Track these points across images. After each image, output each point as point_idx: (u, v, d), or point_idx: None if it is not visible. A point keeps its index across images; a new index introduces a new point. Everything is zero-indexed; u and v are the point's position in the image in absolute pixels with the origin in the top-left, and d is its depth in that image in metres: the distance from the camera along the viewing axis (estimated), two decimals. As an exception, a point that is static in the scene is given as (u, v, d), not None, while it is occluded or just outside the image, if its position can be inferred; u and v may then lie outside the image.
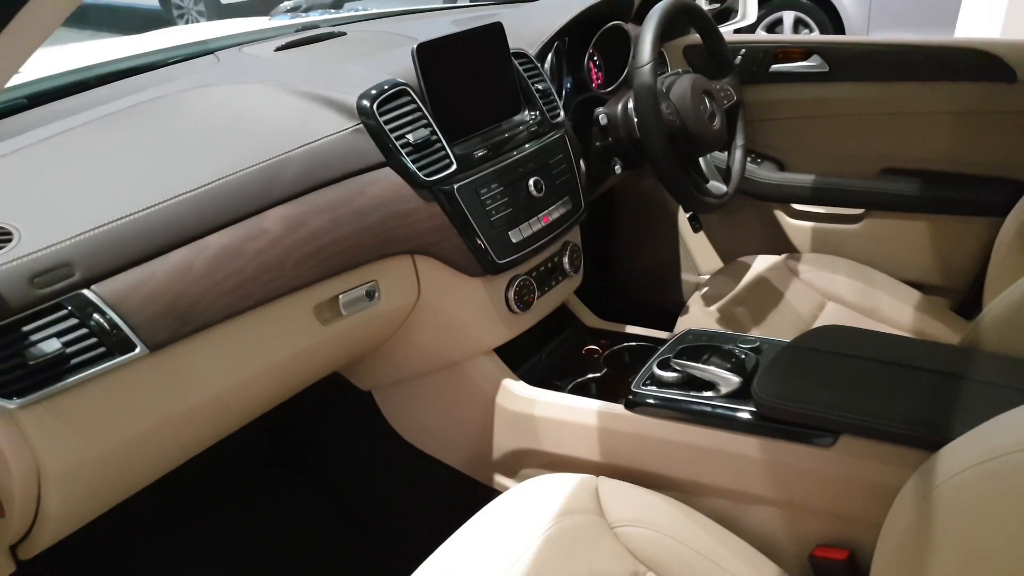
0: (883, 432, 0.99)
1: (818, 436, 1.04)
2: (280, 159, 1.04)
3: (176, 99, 1.16)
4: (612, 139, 1.51)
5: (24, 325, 0.81)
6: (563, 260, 1.39)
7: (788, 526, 1.09)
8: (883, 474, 1.00)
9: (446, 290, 1.23)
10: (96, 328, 0.84)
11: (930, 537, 0.77)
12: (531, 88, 1.35)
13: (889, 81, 1.68)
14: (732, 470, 1.11)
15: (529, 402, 1.27)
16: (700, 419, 1.12)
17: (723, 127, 1.52)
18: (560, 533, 1.03)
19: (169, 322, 0.90)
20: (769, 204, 1.89)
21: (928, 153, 1.69)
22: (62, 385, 0.82)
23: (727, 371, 1.13)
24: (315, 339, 1.09)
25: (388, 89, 1.16)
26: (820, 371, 1.08)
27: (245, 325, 0.99)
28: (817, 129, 1.80)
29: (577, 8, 1.55)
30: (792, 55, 1.79)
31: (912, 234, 1.73)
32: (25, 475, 0.83)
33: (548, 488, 1.11)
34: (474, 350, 1.30)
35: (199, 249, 0.94)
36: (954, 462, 0.81)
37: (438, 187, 1.16)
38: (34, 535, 0.93)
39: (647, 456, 1.18)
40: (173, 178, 0.96)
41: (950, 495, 0.78)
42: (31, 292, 0.81)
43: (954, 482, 0.78)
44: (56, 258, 0.83)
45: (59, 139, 1.03)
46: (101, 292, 0.85)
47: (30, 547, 0.96)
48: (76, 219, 0.87)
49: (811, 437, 1.04)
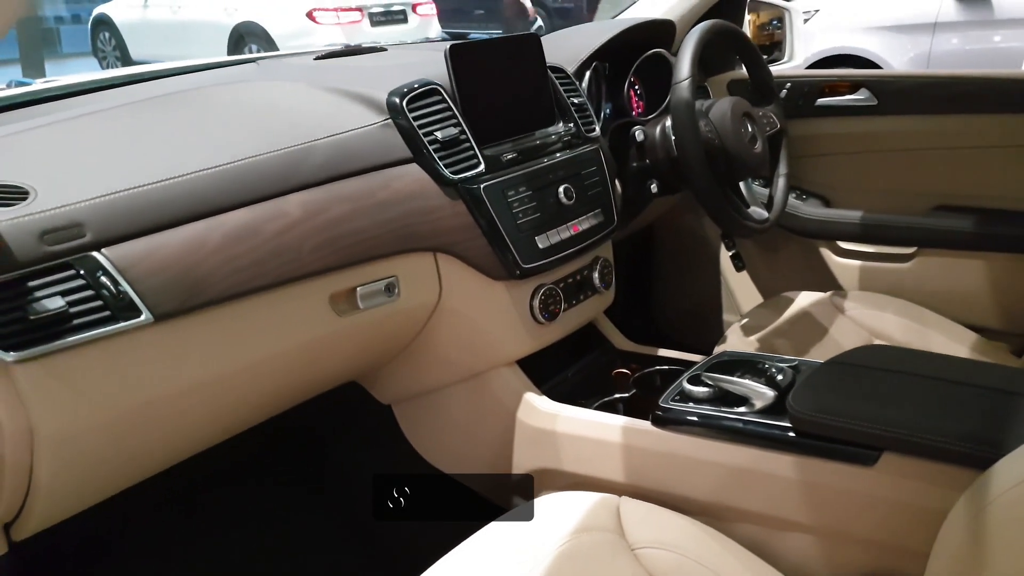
0: (931, 448, 0.90)
1: (859, 454, 0.96)
2: (305, 146, 1.04)
3: (207, 90, 1.17)
4: (649, 160, 1.48)
5: (30, 280, 0.79)
6: (593, 275, 1.34)
7: (826, 555, 1.00)
8: (930, 497, 0.91)
9: (468, 293, 1.19)
10: (102, 291, 0.83)
11: (985, 558, 0.70)
12: (566, 101, 1.34)
13: (941, 114, 1.63)
14: (765, 492, 1.03)
15: (551, 418, 1.21)
16: (731, 436, 1.05)
17: (765, 152, 1.48)
18: (575, 550, 0.96)
19: (178, 293, 0.88)
20: (814, 241, 1.83)
21: (985, 189, 1.62)
22: (62, 343, 0.80)
23: (761, 385, 1.06)
24: (329, 330, 1.05)
25: (418, 88, 1.15)
26: (862, 386, 1.01)
27: (258, 306, 0.96)
28: (865, 164, 1.74)
29: (616, 29, 1.54)
30: (839, 88, 1.75)
31: (969, 273, 1.64)
32: (17, 437, 0.80)
33: (565, 504, 1.04)
34: (496, 360, 1.25)
35: (215, 224, 0.92)
36: (1010, 474, 0.74)
37: (464, 186, 1.14)
38: (27, 511, 0.90)
39: (674, 476, 1.10)
40: (195, 156, 0.96)
41: (1006, 509, 0.71)
42: (40, 248, 0.80)
43: (1011, 495, 0.71)
44: (69, 217, 0.83)
45: (87, 117, 1.04)
46: (111, 256, 0.84)
47: (23, 526, 0.93)
48: (94, 184, 0.87)
49: (851, 455, 0.96)
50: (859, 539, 0.98)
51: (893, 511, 0.94)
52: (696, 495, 1.09)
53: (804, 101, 1.77)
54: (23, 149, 0.96)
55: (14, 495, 0.86)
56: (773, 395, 1.04)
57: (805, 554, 1.02)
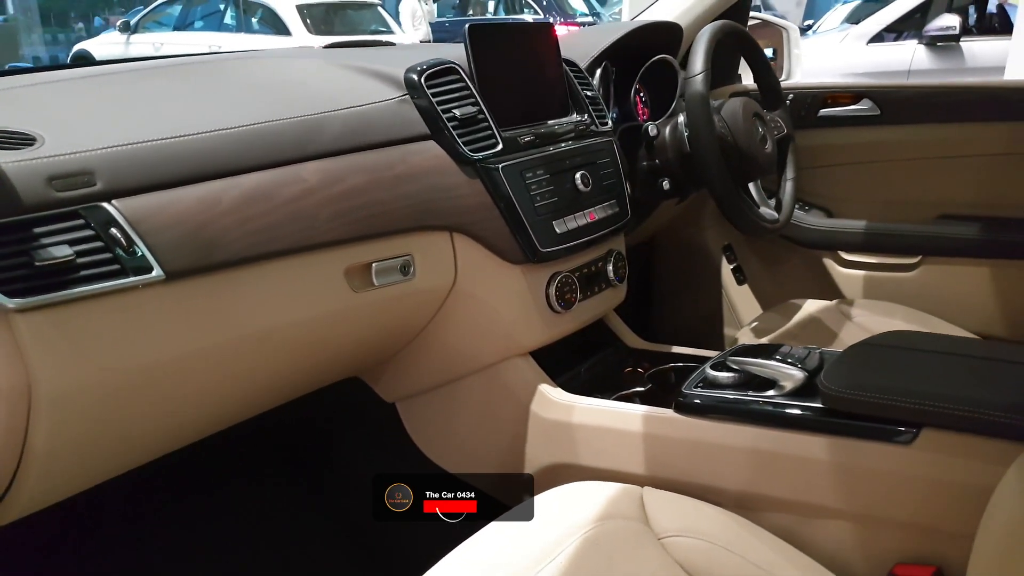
0: (974, 421, 0.87)
1: (896, 431, 0.92)
2: (322, 116, 1.02)
3: (223, 60, 1.14)
4: (659, 160, 1.46)
5: (36, 226, 0.75)
6: (608, 267, 1.32)
7: (862, 542, 0.96)
8: (974, 473, 0.88)
9: (484, 276, 1.15)
10: (112, 243, 0.78)
11: None
12: (580, 93, 1.33)
13: (944, 123, 1.64)
14: (796, 477, 0.99)
15: (567, 409, 1.17)
16: (760, 419, 1.01)
17: (775, 153, 1.47)
18: (600, 537, 0.91)
19: (190, 250, 0.83)
20: (817, 252, 1.82)
21: (989, 197, 1.62)
22: (68, 294, 0.75)
23: (790, 366, 1.03)
24: (344, 305, 1.01)
25: (436, 65, 1.13)
26: (896, 363, 0.98)
27: (273, 272, 0.92)
28: (868, 174, 1.75)
29: (625, 29, 1.54)
30: (841, 100, 1.76)
31: (975, 281, 1.64)
32: (14, 393, 0.74)
33: (588, 492, 1.00)
34: (510, 350, 1.21)
35: (230, 184, 0.89)
36: None
37: (483, 164, 1.11)
38: (16, 487, 0.83)
39: (699, 465, 1.06)
40: (211, 115, 0.93)
41: None
42: (48, 193, 0.76)
43: None
44: (79, 165, 0.78)
45: (101, 77, 1.01)
46: (122, 208, 0.80)
47: (10, 506, 0.86)
48: (107, 134, 0.83)
49: (888, 433, 0.93)
50: (897, 523, 0.94)
51: (934, 491, 0.91)
52: (723, 484, 1.04)
53: (807, 112, 1.78)
54: (32, 100, 0.92)
55: (5, 464, 0.80)
56: (803, 375, 1.01)
57: (839, 541, 0.98)
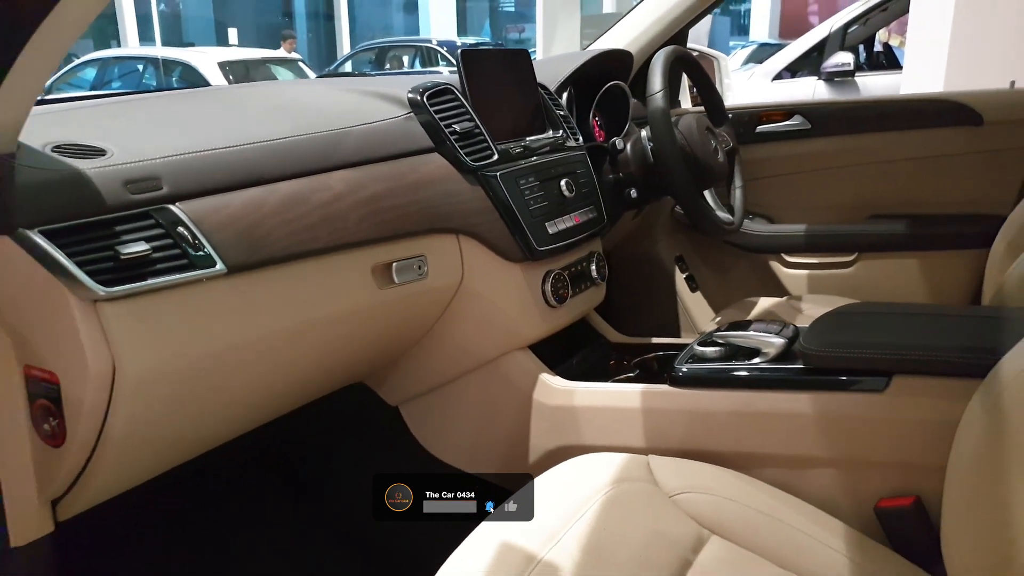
0: (938, 364, 1.01)
1: (870, 381, 1.05)
2: (341, 131, 1.11)
3: (240, 87, 1.23)
4: (623, 173, 1.59)
5: (117, 225, 0.83)
6: (591, 267, 1.43)
7: (848, 485, 1.08)
8: (941, 411, 1.00)
9: (487, 274, 1.25)
10: (180, 240, 0.86)
11: (1003, 441, 0.77)
12: (555, 112, 1.45)
13: (867, 132, 1.83)
14: (785, 433, 1.11)
15: (568, 394, 1.27)
16: (748, 384, 1.13)
17: (727, 163, 1.62)
18: (618, 497, 1.00)
19: (244, 247, 0.91)
20: (763, 256, 1.98)
21: (910, 196, 1.82)
22: (147, 284, 0.82)
23: (771, 335, 1.15)
24: (371, 300, 1.10)
25: (435, 86, 1.24)
26: (865, 324, 1.12)
27: (312, 269, 1.01)
28: (804, 183, 1.93)
29: (585, 57, 1.68)
30: (775, 117, 1.94)
31: (905, 272, 1.82)
32: (100, 376, 0.80)
33: (599, 461, 1.09)
34: (511, 343, 1.30)
35: (270, 190, 0.98)
36: (1013, 365, 0.83)
37: (482, 172, 1.22)
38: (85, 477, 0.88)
39: (696, 432, 1.17)
40: (246, 131, 1.02)
41: (1016, 392, 0.79)
42: (124, 196, 0.84)
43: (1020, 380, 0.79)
44: (147, 171, 0.87)
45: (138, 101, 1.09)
46: (186, 209, 0.88)
47: (74, 500, 0.91)
48: (163, 147, 0.92)
49: (863, 384, 1.06)
50: (878, 463, 1.06)
51: (908, 431, 1.03)
52: (718, 447, 1.15)
53: (745, 129, 1.96)
54: (89, 120, 1.00)
55: (83, 447, 0.85)
56: (783, 343, 1.14)
57: (827, 486, 1.09)
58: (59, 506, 0.92)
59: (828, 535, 0.99)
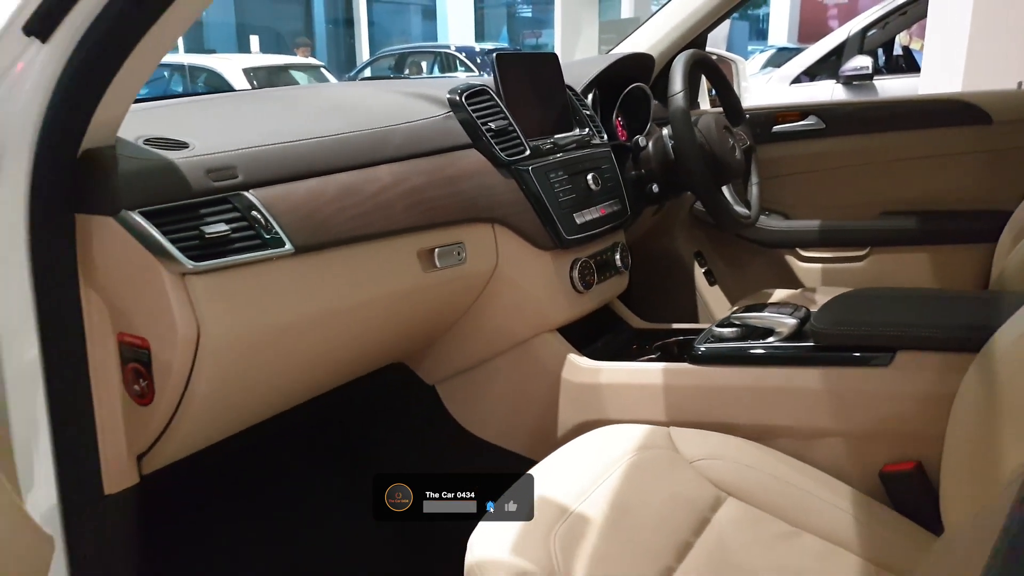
0: (938, 340, 1.10)
1: (876, 357, 1.14)
2: (387, 129, 1.22)
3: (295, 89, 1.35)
4: (645, 169, 1.69)
5: (201, 208, 0.94)
6: (615, 256, 1.53)
7: (855, 452, 1.17)
8: (942, 383, 1.09)
9: (520, 261, 1.35)
10: (254, 223, 0.97)
11: (996, 407, 0.86)
12: (581, 111, 1.56)
13: (879, 132, 1.92)
14: (796, 406, 1.20)
15: (594, 372, 1.36)
16: (762, 361, 1.22)
17: (743, 160, 1.71)
18: (642, 462, 1.10)
19: (308, 231, 1.02)
20: (778, 251, 2.07)
21: (921, 193, 1.90)
22: (228, 261, 0.93)
23: (784, 316, 1.24)
24: (416, 283, 1.20)
25: (472, 87, 1.35)
26: (872, 305, 1.20)
27: (367, 252, 1.12)
28: (818, 181, 2.01)
29: (609, 60, 1.78)
30: (790, 117, 2.03)
31: (916, 266, 1.90)
32: (187, 341, 0.91)
33: (620, 432, 1.18)
34: (541, 326, 1.40)
35: (328, 181, 1.09)
36: (1007, 335, 0.92)
37: (516, 167, 1.33)
38: (168, 434, 0.99)
39: (714, 406, 1.26)
40: (306, 127, 1.13)
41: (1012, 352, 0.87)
42: (207, 183, 0.95)
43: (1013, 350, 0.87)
44: (224, 161, 0.98)
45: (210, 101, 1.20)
46: (258, 196, 0.99)
47: (156, 455, 1.02)
48: (238, 140, 1.03)
49: (869, 359, 1.15)
50: (882, 432, 1.15)
51: (910, 403, 1.12)
52: (735, 419, 1.24)
53: (761, 130, 2.04)
54: (170, 117, 1.12)
55: (167, 408, 0.96)
56: (795, 323, 1.23)
57: (836, 455, 1.18)
58: (143, 461, 1.03)
59: (836, 497, 1.08)
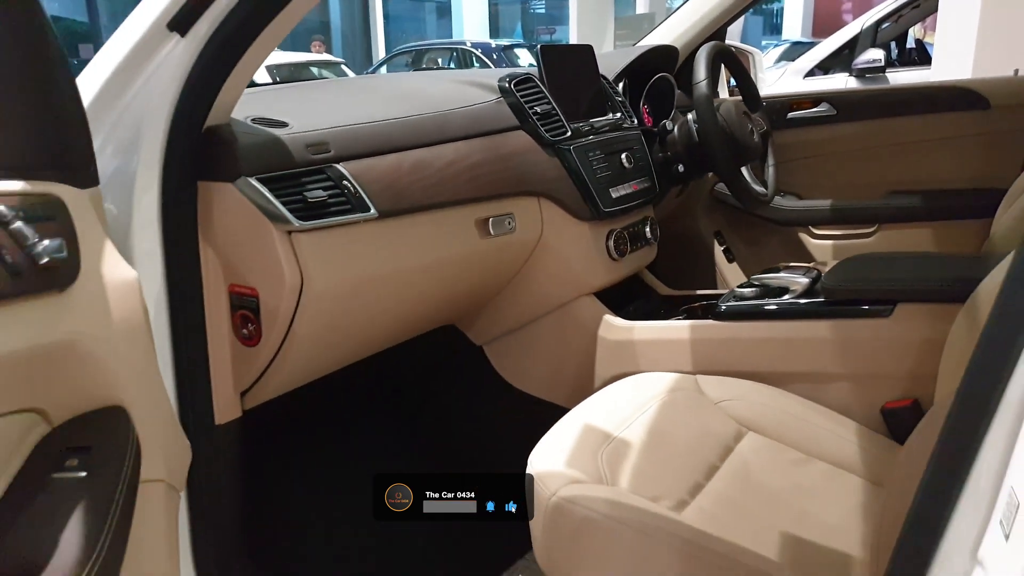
0: (931, 292, 1.26)
1: (878, 309, 1.30)
2: (448, 112, 1.39)
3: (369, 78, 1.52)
4: (671, 152, 1.85)
5: (304, 177, 1.12)
6: (645, 229, 1.70)
7: (860, 392, 1.33)
8: (934, 331, 1.24)
9: (562, 231, 1.52)
10: (345, 191, 1.14)
11: None
12: (614, 98, 1.72)
13: (886, 118, 2.07)
14: (808, 354, 1.36)
15: (628, 330, 1.53)
16: (778, 315, 1.39)
17: (761, 143, 1.87)
18: (672, 401, 1.27)
19: (389, 198, 1.19)
20: (793, 229, 2.22)
21: (925, 174, 2.05)
22: (326, 222, 1.10)
23: (798, 275, 1.41)
24: (474, 248, 1.37)
25: (519, 75, 1.52)
26: (876, 265, 1.37)
27: (435, 218, 1.29)
28: (830, 163, 2.17)
29: (636, 52, 1.95)
30: (803, 104, 2.19)
31: (921, 241, 2.06)
32: (292, 288, 1.09)
33: (653, 378, 1.35)
34: (580, 290, 1.57)
35: (403, 156, 1.26)
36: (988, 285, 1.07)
37: (558, 146, 1.49)
38: (268, 374, 1.16)
39: (735, 356, 1.42)
40: (382, 110, 1.31)
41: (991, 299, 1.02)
42: (307, 155, 1.12)
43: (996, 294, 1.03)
44: (319, 137, 1.15)
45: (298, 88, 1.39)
46: (347, 168, 1.16)
47: (257, 393, 1.19)
48: (328, 120, 1.20)
49: (873, 311, 1.31)
50: (884, 375, 1.31)
51: (908, 348, 1.28)
52: (754, 368, 1.41)
53: (777, 116, 2.20)
54: (268, 100, 1.29)
55: (271, 349, 1.13)
56: (808, 281, 1.39)
57: (843, 396, 1.34)
58: (246, 397, 1.20)
59: (843, 430, 1.25)
